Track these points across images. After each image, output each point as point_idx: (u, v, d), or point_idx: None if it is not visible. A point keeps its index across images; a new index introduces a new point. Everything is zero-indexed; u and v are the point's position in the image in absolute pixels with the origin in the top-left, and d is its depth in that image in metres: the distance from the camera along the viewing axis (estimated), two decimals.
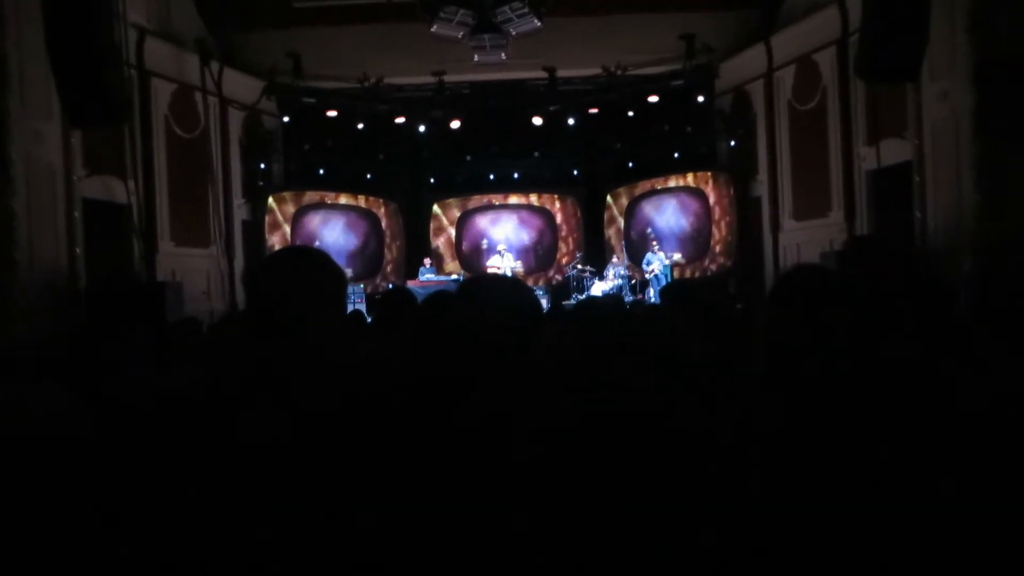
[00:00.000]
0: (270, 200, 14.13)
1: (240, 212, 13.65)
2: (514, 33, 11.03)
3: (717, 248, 14.22)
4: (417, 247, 16.00)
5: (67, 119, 8.22)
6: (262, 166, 14.03)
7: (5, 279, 8.06)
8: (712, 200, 14.30)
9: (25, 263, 8.38)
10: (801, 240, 12.37)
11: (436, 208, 16.45)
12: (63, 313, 8.90)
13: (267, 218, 14.03)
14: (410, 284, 14.03)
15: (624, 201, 15.83)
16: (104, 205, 10.23)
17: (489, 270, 14.37)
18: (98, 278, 9.62)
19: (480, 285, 1.62)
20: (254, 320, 1.35)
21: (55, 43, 7.22)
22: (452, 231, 16.49)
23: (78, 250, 9.52)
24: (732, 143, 13.85)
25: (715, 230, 14.25)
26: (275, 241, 14.15)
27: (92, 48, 7.25)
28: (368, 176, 15.78)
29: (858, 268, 8.68)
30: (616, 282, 13.56)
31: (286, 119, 14.39)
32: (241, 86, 13.49)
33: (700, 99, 14.03)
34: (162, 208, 11.68)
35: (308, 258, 1.47)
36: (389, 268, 15.94)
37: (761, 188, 13.43)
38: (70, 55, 7.22)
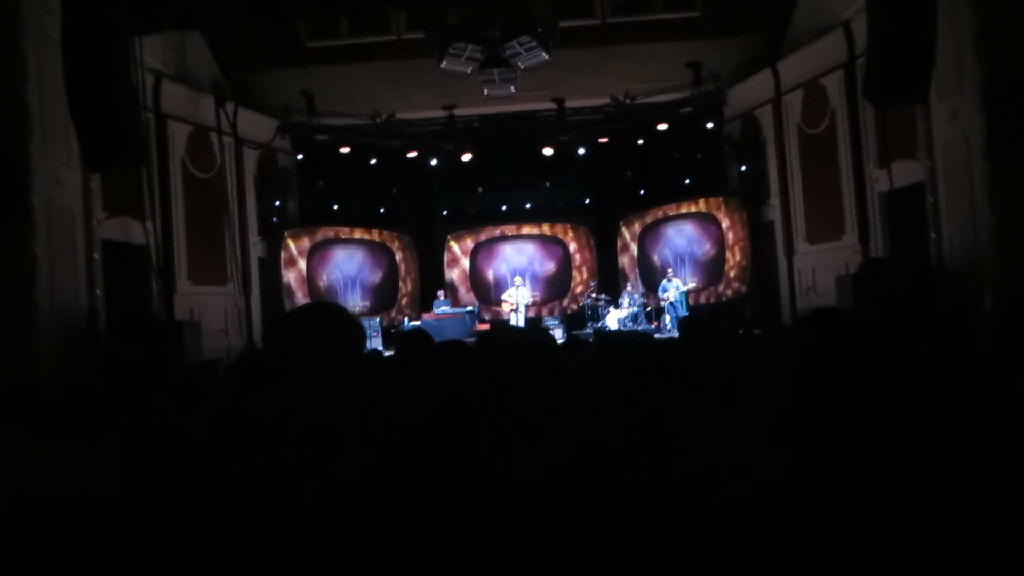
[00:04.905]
0: (285, 237, 14.28)
1: (256, 250, 13.79)
2: (523, 67, 11.15)
3: (731, 273, 14.18)
4: (431, 280, 16.08)
5: (86, 163, 8.36)
6: (277, 204, 14.21)
7: (27, 321, 8.15)
8: (725, 226, 14.29)
9: (46, 305, 8.47)
10: (816, 263, 12.32)
11: (450, 240, 16.55)
12: (84, 354, 8.99)
13: (283, 255, 14.17)
14: (425, 317, 14.08)
15: (636, 229, 15.85)
16: (123, 246, 10.38)
17: (504, 302, 14.40)
18: (118, 318, 9.72)
19: (497, 333, 1.65)
20: (275, 370, 1.37)
21: (74, 89, 7.38)
22: (466, 263, 16.56)
23: (98, 291, 9.63)
24: (743, 168, 13.88)
25: (729, 255, 14.22)
26: (291, 278, 14.26)
27: (110, 93, 7.40)
28: (382, 210, 15.94)
29: (874, 292, 8.62)
30: (631, 310, 13.52)
31: (300, 157, 14.60)
32: (255, 125, 13.71)
33: (709, 125, 14.11)
34: (179, 248, 11.84)
35: (327, 313, 1.50)
36: (404, 301, 16.01)
37: (773, 212, 13.42)
38: (89, 101, 7.37)
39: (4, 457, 1.10)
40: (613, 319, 13.41)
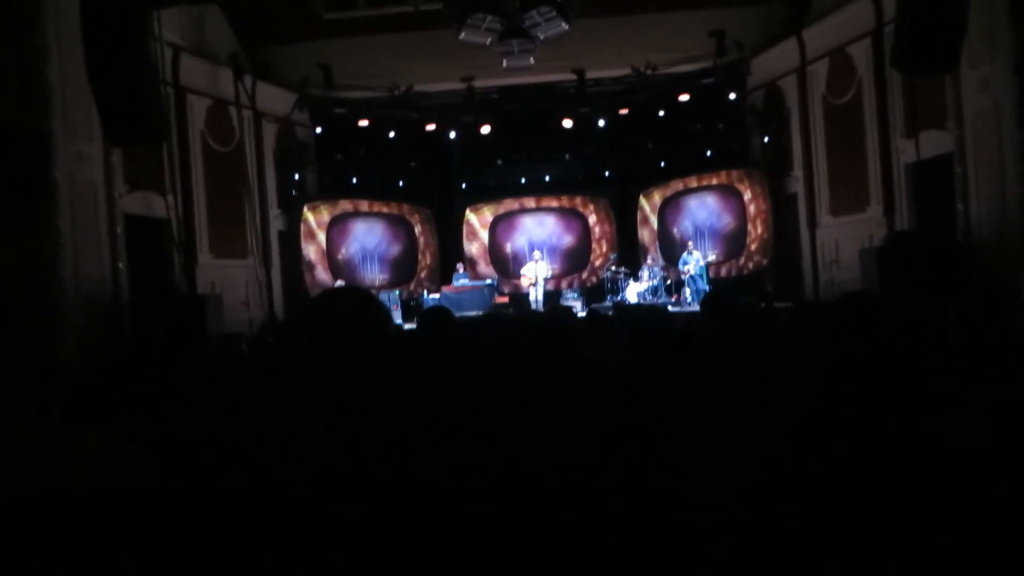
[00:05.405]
0: (305, 210, 14.32)
1: (276, 223, 13.85)
2: (542, 37, 10.99)
3: (753, 246, 14.04)
4: (451, 252, 16.07)
5: (107, 139, 8.41)
6: (296, 177, 14.23)
7: (53, 296, 8.28)
8: (747, 198, 14.12)
9: (71, 279, 8.59)
10: (839, 236, 12.16)
11: (469, 213, 16.50)
12: (108, 327, 9.12)
13: (302, 228, 14.22)
14: (444, 290, 14.11)
15: (657, 201, 15.71)
16: (145, 220, 10.46)
17: (523, 276, 14.38)
18: (141, 291, 9.83)
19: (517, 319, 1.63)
20: (299, 358, 1.37)
21: (94, 65, 7.39)
22: (485, 236, 16.52)
23: (121, 265, 9.75)
24: (766, 139, 13.67)
25: (751, 228, 14.07)
26: (311, 251, 14.34)
27: (130, 69, 7.41)
28: (400, 183, 15.90)
29: (900, 266, 8.49)
30: (651, 283, 13.45)
31: (319, 130, 14.58)
32: (274, 99, 13.69)
33: (732, 96, 13.88)
34: (200, 221, 11.91)
35: (353, 297, 1.49)
36: (423, 274, 16.04)
37: (796, 184, 13.23)
38: (109, 77, 7.39)
39: (26, 448, 1.11)
40: (633, 292, 13.36)
